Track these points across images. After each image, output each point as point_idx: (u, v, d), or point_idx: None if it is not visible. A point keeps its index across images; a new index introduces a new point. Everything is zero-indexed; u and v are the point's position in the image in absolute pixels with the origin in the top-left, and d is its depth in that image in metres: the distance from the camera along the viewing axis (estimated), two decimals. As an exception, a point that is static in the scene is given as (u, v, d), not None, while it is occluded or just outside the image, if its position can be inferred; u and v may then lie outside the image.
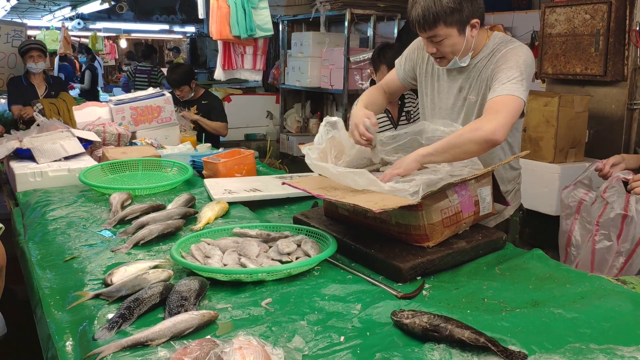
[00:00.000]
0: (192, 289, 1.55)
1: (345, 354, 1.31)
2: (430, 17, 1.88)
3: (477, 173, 1.90)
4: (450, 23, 1.90)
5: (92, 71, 9.82)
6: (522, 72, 1.90)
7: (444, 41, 1.93)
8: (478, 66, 2.06)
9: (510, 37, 2.08)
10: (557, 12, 3.88)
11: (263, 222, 2.21)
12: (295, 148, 7.07)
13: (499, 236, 1.97)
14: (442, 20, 1.88)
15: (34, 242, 2.14)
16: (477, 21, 1.95)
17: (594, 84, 3.81)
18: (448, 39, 1.93)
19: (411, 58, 2.28)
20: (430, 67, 2.22)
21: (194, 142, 3.85)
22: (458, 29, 1.92)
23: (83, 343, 1.40)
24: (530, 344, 1.33)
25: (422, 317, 1.37)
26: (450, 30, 1.91)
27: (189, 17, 12.24)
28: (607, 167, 2.37)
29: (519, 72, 1.89)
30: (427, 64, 2.23)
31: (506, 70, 1.91)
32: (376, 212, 1.67)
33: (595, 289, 1.63)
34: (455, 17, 1.89)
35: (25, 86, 5.03)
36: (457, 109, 2.16)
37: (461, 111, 2.15)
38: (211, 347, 1.23)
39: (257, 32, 4.38)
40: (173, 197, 2.50)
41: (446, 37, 1.92)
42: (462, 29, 1.93)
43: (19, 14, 10.71)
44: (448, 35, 1.92)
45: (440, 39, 1.93)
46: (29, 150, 2.95)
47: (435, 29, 1.90)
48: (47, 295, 1.68)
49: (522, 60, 1.92)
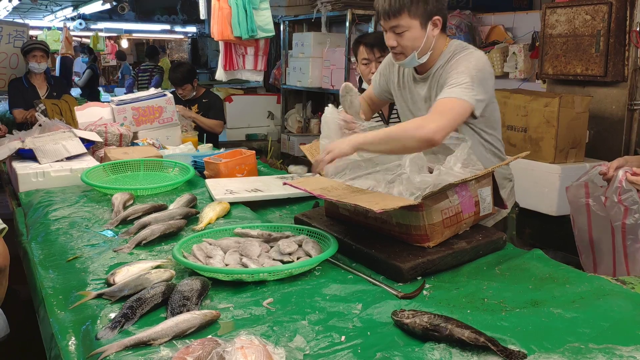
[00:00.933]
0: (194, 288, 1.56)
1: (346, 353, 1.32)
2: (396, 5, 1.91)
3: (477, 174, 1.91)
4: (414, 14, 1.93)
5: (93, 71, 9.83)
6: (472, 76, 1.91)
7: (405, 33, 1.95)
8: (436, 75, 2.08)
9: (466, 44, 2.09)
10: (557, 13, 3.89)
11: (264, 223, 2.22)
12: (297, 148, 7.07)
13: (499, 236, 1.98)
14: (407, 9, 1.91)
15: (36, 242, 2.15)
16: (439, 19, 1.98)
17: (594, 85, 3.81)
18: (410, 32, 1.95)
19: (384, 73, 2.33)
20: (401, 80, 2.25)
21: (195, 142, 3.87)
22: (420, 22, 1.95)
23: (86, 342, 1.41)
24: (529, 343, 1.34)
25: (422, 316, 1.38)
26: (413, 21, 1.94)
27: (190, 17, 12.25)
28: (612, 170, 2.37)
29: (469, 78, 1.91)
30: (398, 77, 2.27)
31: (456, 75, 1.93)
32: (377, 213, 1.67)
33: (594, 289, 1.64)
34: (420, 8, 1.93)
35: (26, 88, 5.03)
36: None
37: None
38: (213, 347, 1.24)
39: (258, 32, 4.39)
40: (175, 197, 2.51)
41: (408, 29, 1.94)
42: (424, 23, 1.96)
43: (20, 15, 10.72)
44: (410, 26, 1.94)
45: (403, 30, 1.95)
46: (31, 150, 2.96)
47: (399, 17, 1.93)
48: (50, 295, 1.69)
49: (472, 65, 1.94)
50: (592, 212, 2.56)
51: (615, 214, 2.43)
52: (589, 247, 2.62)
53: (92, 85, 9.86)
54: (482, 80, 1.93)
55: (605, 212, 2.48)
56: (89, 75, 9.73)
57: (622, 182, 2.34)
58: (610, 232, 2.50)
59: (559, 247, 3.46)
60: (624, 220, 2.41)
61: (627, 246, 2.45)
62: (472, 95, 1.89)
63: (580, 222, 2.63)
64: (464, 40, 5.12)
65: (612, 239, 2.50)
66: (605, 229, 2.53)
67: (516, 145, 3.74)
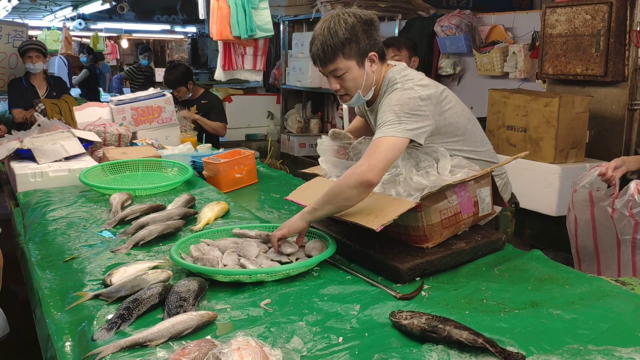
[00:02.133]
0: (191, 289, 1.55)
1: (343, 354, 1.31)
2: (329, 50, 1.90)
3: (476, 174, 1.90)
4: (349, 55, 1.92)
5: (90, 71, 9.81)
6: (396, 112, 1.88)
7: (345, 75, 1.95)
8: (376, 107, 2.07)
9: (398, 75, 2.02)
10: (557, 13, 3.88)
11: (262, 223, 2.21)
12: (296, 148, 7.07)
13: (498, 237, 1.97)
14: (340, 52, 1.91)
15: (34, 242, 2.14)
16: (374, 54, 1.96)
17: (594, 85, 3.80)
18: (349, 73, 1.94)
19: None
20: (364, 111, 2.25)
21: (194, 142, 3.86)
22: (357, 61, 1.94)
23: (82, 343, 1.40)
24: (528, 344, 1.33)
25: (420, 318, 1.38)
26: (350, 62, 1.93)
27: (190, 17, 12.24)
28: (610, 171, 2.35)
29: (393, 115, 1.88)
30: (362, 108, 2.27)
31: (381, 116, 1.92)
32: (377, 231, 1.67)
33: (594, 290, 1.63)
34: (353, 48, 1.91)
35: (25, 87, 5.02)
36: None
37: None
38: (210, 348, 1.23)
39: (257, 32, 4.38)
40: (173, 197, 2.50)
41: (347, 71, 1.94)
42: (361, 62, 1.95)
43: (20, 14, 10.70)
44: (348, 68, 1.94)
45: (342, 72, 1.94)
46: (30, 150, 2.96)
47: (335, 61, 1.92)
48: (47, 296, 1.69)
49: (394, 102, 1.91)
50: (597, 221, 2.53)
51: (624, 227, 2.40)
52: (594, 256, 2.60)
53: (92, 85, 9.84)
54: (411, 111, 1.90)
55: (612, 224, 2.45)
56: (85, 75, 9.72)
57: (635, 196, 2.31)
58: (616, 243, 2.47)
59: (559, 247, 3.44)
60: (634, 235, 2.38)
61: (636, 261, 2.42)
62: (401, 128, 1.86)
63: (584, 230, 2.60)
64: (464, 40, 5.13)
65: (617, 251, 2.48)
66: (610, 240, 2.51)
67: (516, 145, 3.73)
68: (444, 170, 1.92)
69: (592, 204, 2.51)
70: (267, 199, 2.77)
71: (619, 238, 2.44)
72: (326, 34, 1.90)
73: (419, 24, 5.69)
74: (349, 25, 1.89)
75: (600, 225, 2.51)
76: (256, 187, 3.04)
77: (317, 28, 1.94)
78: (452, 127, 2.05)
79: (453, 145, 2.06)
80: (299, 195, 2.10)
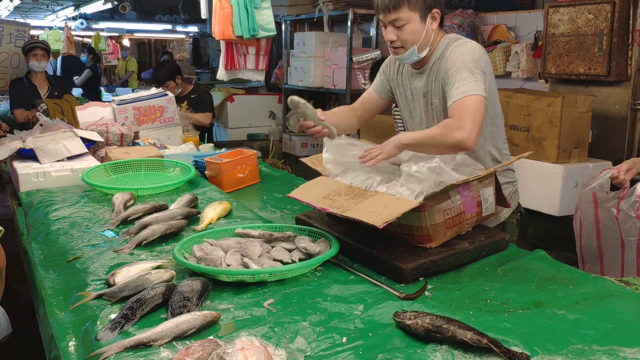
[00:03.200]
0: (195, 289, 1.55)
1: (347, 354, 1.31)
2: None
3: (480, 174, 1.90)
4: (414, 7, 1.94)
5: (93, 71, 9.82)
6: (471, 69, 1.92)
7: (405, 26, 1.96)
8: (433, 69, 2.09)
9: (458, 35, 2.10)
10: (560, 12, 3.87)
11: (265, 223, 2.21)
12: (298, 148, 7.06)
13: (501, 237, 1.97)
14: (407, 2, 1.93)
15: (36, 242, 2.14)
16: (437, 12, 2.00)
17: (597, 84, 3.80)
18: (409, 24, 1.96)
19: (385, 72, 2.34)
20: (400, 77, 2.26)
21: (196, 142, 3.86)
22: (420, 14, 1.96)
23: (86, 343, 1.40)
24: (533, 345, 1.33)
25: (424, 318, 1.37)
26: (413, 14, 1.95)
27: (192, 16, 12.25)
28: (622, 174, 2.35)
29: (468, 71, 1.92)
30: (397, 74, 2.28)
31: (455, 74, 1.94)
32: (380, 228, 1.67)
33: (598, 290, 1.63)
34: (420, 1, 1.95)
35: (27, 87, 5.02)
36: (429, 113, 2.21)
37: (432, 115, 2.19)
38: (213, 348, 1.23)
39: (259, 32, 4.38)
40: (176, 197, 2.50)
41: (408, 22, 1.96)
42: (424, 16, 1.97)
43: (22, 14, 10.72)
44: (410, 19, 1.95)
45: (403, 23, 1.96)
46: (32, 150, 2.96)
47: (399, 10, 1.94)
48: (50, 296, 1.68)
49: (467, 58, 1.95)
50: (601, 222, 2.52)
51: (629, 228, 2.40)
52: (598, 257, 2.59)
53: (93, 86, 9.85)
54: (482, 69, 1.95)
55: (616, 225, 2.45)
56: (88, 75, 9.73)
57: None
58: (620, 245, 2.47)
59: (562, 247, 3.44)
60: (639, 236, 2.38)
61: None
62: (478, 87, 1.91)
63: (588, 230, 2.60)
64: (466, 39, 5.12)
65: (621, 252, 2.47)
66: (614, 241, 2.50)
67: (519, 145, 3.72)
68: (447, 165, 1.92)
69: (596, 205, 2.51)
70: (269, 199, 2.76)
71: (623, 239, 2.43)
72: None
73: (421, 24, 5.68)
74: None
75: (604, 227, 2.51)
76: (258, 186, 3.04)
77: None
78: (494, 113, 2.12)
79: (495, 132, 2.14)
80: (301, 192, 2.10)
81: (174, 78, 4.72)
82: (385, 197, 1.86)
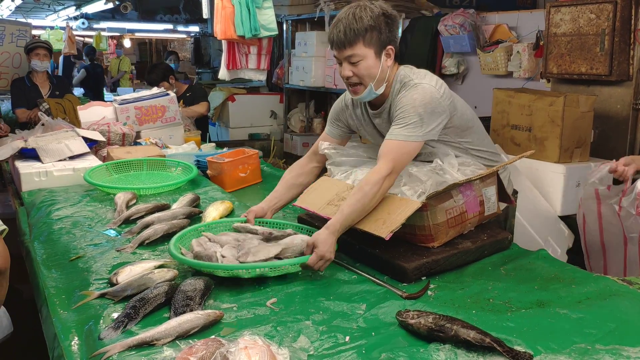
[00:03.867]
0: (198, 288, 1.55)
1: (350, 354, 1.31)
2: (351, 33, 1.92)
3: (482, 173, 1.90)
4: (369, 43, 1.94)
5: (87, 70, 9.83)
6: (420, 114, 1.91)
7: (360, 63, 1.96)
8: (386, 108, 2.07)
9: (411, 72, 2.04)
10: (562, 12, 3.87)
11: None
12: (300, 148, 7.06)
13: (504, 236, 1.97)
14: (362, 38, 1.92)
15: (39, 241, 2.14)
16: (392, 49, 1.99)
17: (599, 84, 3.79)
18: (364, 61, 1.95)
19: (340, 119, 2.28)
20: (358, 120, 2.22)
21: (198, 141, 3.86)
22: (375, 51, 1.95)
23: (89, 342, 1.40)
24: (535, 344, 1.33)
25: (427, 317, 1.37)
26: (368, 50, 1.94)
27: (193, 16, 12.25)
28: (621, 166, 2.36)
29: (417, 116, 1.91)
30: (355, 120, 2.23)
31: (404, 115, 1.93)
32: (386, 239, 1.67)
33: (600, 289, 1.63)
34: (374, 37, 1.94)
35: (28, 87, 5.02)
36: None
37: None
38: (217, 347, 1.23)
39: (261, 31, 4.38)
40: (178, 196, 2.50)
41: (363, 59, 1.95)
42: (378, 52, 1.96)
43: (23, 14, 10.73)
44: (365, 55, 1.95)
45: (358, 59, 1.95)
46: (34, 149, 2.96)
47: (355, 47, 1.93)
48: (53, 295, 1.69)
49: (418, 103, 1.92)
50: (603, 219, 2.53)
51: (630, 225, 2.40)
52: (601, 253, 2.60)
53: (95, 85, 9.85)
54: (433, 109, 1.92)
55: (618, 221, 2.45)
56: (83, 75, 9.76)
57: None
58: (623, 241, 2.47)
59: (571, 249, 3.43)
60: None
61: None
62: (422, 132, 1.90)
63: (591, 226, 2.60)
64: (468, 39, 5.12)
65: (624, 248, 2.47)
66: (617, 237, 2.50)
67: (520, 144, 3.72)
68: (452, 167, 1.92)
69: (599, 202, 2.51)
70: (271, 198, 2.76)
71: (625, 236, 2.44)
72: (351, 18, 1.93)
73: (422, 23, 5.68)
74: (374, 14, 1.93)
75: (607, 223, 2.51)
76: (260, 186, 3.04)
77: (341, 12, 1.97)
78: (463, 120, 2.06)
79: (465, 139, 2.08)
80: (307, 200, 2.10)
81: (167, 79, 4.80)
82: (389, 197, 1.87)
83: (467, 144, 2.09)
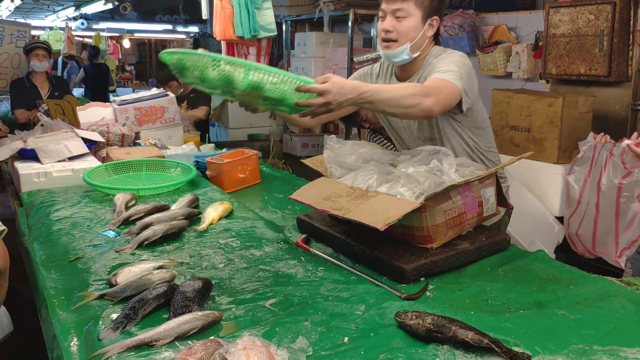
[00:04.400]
0: (197, 289, 1.55)
1: (349, 354, 1.31)
2: None
3: (480, 174, 1.90)
4: (420, 4, 1.96)
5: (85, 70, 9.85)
6: (459, 68, 1.92)
7: (405, 20, 1.97)
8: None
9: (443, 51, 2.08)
10: (561, 13, 3.88)
11: (267, 222, 2.21)
12: (299, 148, 7.06)
13: (502, 237, 1.97)
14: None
15: (38, 242, 2.14)
16: (436, 19, 2.02)
17: (598, 85, 3.80)
18: (410, 19, 1.96)
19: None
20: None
21: (197, 142, 3.86)
22: (422, 14, 1.97)
23: (88, 343, 1.40)
24: (534, 345, 1.33)
25: (426, 318, 1.38)
26: (416, 11, 1.96)
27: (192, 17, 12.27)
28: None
29: (456, 67, 1.92)
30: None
31: (443, 66, 1.93)
32: (381, 230, 1.67)
33: (598, 290, 1.63)
34: (427, 1, 1.96)
35: (28, 88, 5.03)
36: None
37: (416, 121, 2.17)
38: (215, 348, 1.23)
39: (260, 32, 4.39)
40: (177, 197, 2.50)
41: (409, 16, 1.96)
42: (425, 17, 1.98)
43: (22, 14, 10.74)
44: (412, 14, 1.96)
45: (404, 15, 1.96)
46: (33, 150, 2.96)
47: (407, 1, 1.95)
48: (52, 296, 1.69)
49: (457, 59, 1.95)
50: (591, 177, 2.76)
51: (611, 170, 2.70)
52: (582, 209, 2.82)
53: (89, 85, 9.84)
54: (467, 76, 1.94)
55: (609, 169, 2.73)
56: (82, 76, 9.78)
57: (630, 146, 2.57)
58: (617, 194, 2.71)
59: (563, 248, 3.44)
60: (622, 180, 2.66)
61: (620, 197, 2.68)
62: (461, 83, 1.90)
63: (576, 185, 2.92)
64: (467, 40, 5.13)
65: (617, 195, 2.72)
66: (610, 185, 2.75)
67: (519, 145, 3.72)
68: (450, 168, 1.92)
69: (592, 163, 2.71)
70: (270, 199, 2.77)
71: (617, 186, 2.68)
72: None
73: (421, 24, 5.69)
74: None
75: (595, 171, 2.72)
76: (259, 187, 3.04)
77: None
78: (479, 118, 2.08)
79: (477, 138, 2.09)
80: (303, 194, 2.10)
81: (177, 78, 4.75)
82: (387, 198, 1.87)
83: (477, 143, 2.11)
